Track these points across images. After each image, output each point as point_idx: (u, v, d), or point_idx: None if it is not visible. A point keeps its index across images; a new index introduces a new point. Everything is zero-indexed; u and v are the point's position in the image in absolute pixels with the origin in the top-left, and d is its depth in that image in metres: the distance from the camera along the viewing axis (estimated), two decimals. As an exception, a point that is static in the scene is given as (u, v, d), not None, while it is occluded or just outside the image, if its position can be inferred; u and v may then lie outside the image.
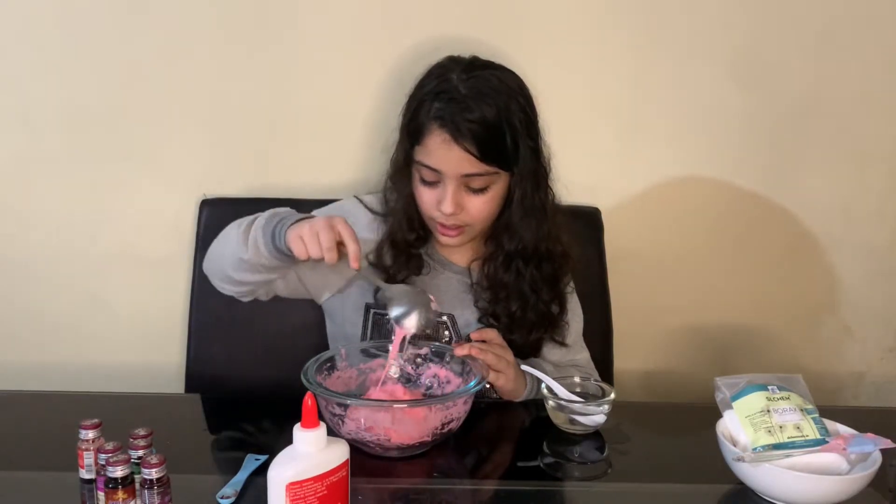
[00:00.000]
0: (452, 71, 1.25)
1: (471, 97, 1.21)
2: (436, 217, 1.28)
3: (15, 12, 1.47)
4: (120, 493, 0.88)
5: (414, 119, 1.25)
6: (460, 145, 1.20)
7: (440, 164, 1.23)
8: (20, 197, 1.55)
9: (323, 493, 0.84)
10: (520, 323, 1.33)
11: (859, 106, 1.63)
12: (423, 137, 1.23)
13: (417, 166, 1.26)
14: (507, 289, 1.33)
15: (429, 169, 1.24)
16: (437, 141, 1.21)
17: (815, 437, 1.00)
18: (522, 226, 1.30)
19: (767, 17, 1.58)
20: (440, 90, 1.23)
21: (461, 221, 1.27)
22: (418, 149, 1.25)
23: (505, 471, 1.12)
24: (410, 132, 1.26)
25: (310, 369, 1.12)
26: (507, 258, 1.33)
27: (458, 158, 1.21)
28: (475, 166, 1.22)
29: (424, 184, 1.27)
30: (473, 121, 1.20)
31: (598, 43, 1.57)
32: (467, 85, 1.23)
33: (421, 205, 1.29)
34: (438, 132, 1.21)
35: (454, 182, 1.23)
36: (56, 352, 1.60)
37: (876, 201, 1.69)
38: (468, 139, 1.20)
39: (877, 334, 1.76)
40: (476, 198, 1.25)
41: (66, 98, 1.51)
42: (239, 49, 1.52)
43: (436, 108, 1.22)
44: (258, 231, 1.17)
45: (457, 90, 1.22)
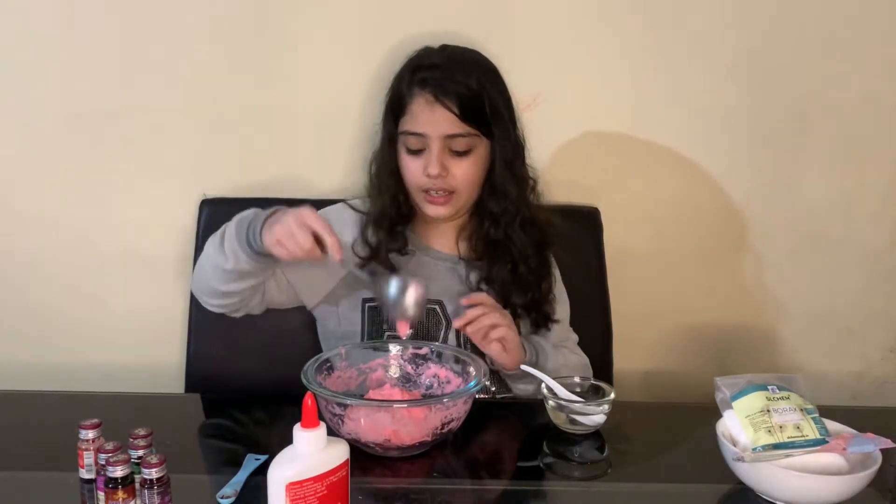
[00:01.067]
0: (428, 52, 1.35)
1: (450, 65, 1.31)
2: (423, 185, 1.31)
3: (15, 12, 1.47)
4: (120, 493, 0.88)
5: (396, 93, 1.33)
6: (442, 104, 1.27)
7: (424, 127, 1.28)
8: (20, 197, 1.55)
9: (323, 493, 0.84)
10: (517, 284, 1.36)
11: (859, 106, 1.63)
12: (407, 105, 1.30)
13: (402, 137, 1.32)
14: (498, 249, 1.37)
15: (413, 136, 1.30)
16: (421, 103, 1.28)
17: (815, 437, 1.00)
18: (507, 186, 1.35)
19: (768, 18, 1.58)
20: (418, 64, 1.32)
21: (448, 186, 1.31)
22: (402, 120, 1.31)
23: (505, 471, 1.12)
24: (393, 106, 1.33)
25: (310, 369, 1.12)
26: (494, 219, 1.37)
27: (440, 118, 1.28)
28: (457, 126, 1.28)
29: (410, 153, 1.31)
30: (455, 81, 1.28)
31: (598, 43, 1.57)
32: (444, 56, 1.33)
33: (407, 176, 1.33)
34: (421, 94, 1.28)
35: (438, 143, 1.28)
36: (56, 352, 1.60)
37: (876, 201, 1.69)
38: (451, 98, 1.27)
39: (877, 334, 1.75)
40: (460, 161, 1.30)
41: (66, 98, 1.51)
42: (239, 49, 1.52)
43: (417, 77, 1.30)
44: (232, 241, 1.21)
45: (434, 59, 1.32)
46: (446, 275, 1.39)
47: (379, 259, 1.35)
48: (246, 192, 1.55)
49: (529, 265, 1.37)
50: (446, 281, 1.38)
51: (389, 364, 1.24)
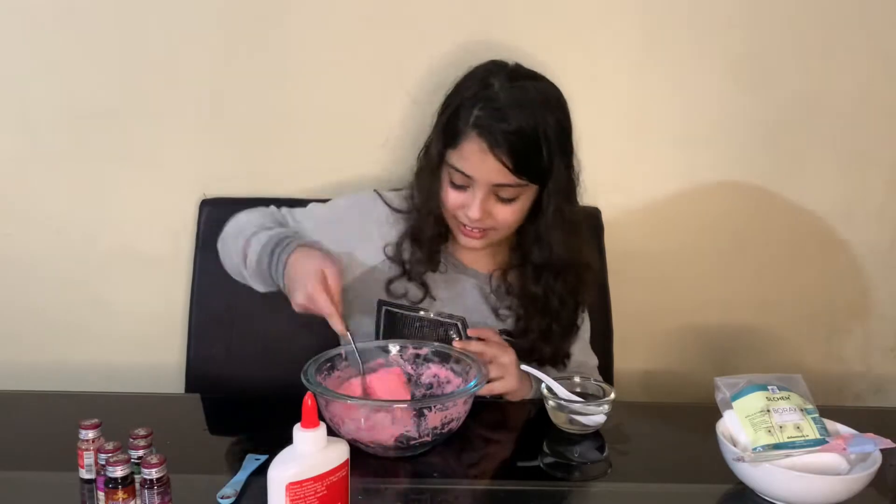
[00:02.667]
0: (495, 76, 1.25)
1: (511, 107, 1.21)
2: (460, 219, 1.28)
3: (15, 12, 1.47)
4: (120, 493, 0.88)
5: (452, 122, 1.25)
6: (495, 156, 1.20)
7: (473, 171, 1.23)
8: (20, 197, 1.55)
9: (323, 493, 0.84)
10: (551, 336, 1.34)
11: (859, 106, 1.63)
12: (460, 142, 1.23)
13: (449, 169, 1.26)
14: (537, 302, 1.33)
15: (461, 174, 1.24)
16: (474, 148, 1.21)
17: (815, 437, 1.00)
18: (553, 239, 1.29)
19: (768, 19, 1.58)
20: (481, 97, 1.23)
21: (485, 226, 1.27)
22: (452, 152, 1.24)
23: (505, 471, 1.12)
24: (447, 135, 1.26)
25: (310, 369, 1.12)
26: (535, 270, 1.33)
27: (491, 168, 1.21)
28: (507, 177, 1.22)
29: (454, 187, 1.26)
30: (511, 132, 1.20)
31: (598, 44, 1.57)
32: (509, 94, 1.22)
33: (447, 205, 1.29)
34: (475, 140, 1.21)
35: (484, 189, 1.23)
36: (56, 352, 1.60)
37: (876, 202, 1.69)
38: (504, 151, 1.20)
39: (877, 334, 1.75)
40: (504, 207, 1.26)
41: (66, 98, 1.51)
42: (239, 49, 1.52)
43: (475, 115, 1.21)
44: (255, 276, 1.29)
45: (497, 98, 1.22)
46: (473, 294, 1.37)
47: (410, 276, 1.33)
48: (246, 193, 1.55)
49: (563, 321, 1.34)
50: (473, 300, 1.36)
51: (389, 364, 1.23)
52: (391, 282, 1.33)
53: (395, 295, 1.33)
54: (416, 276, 1.33)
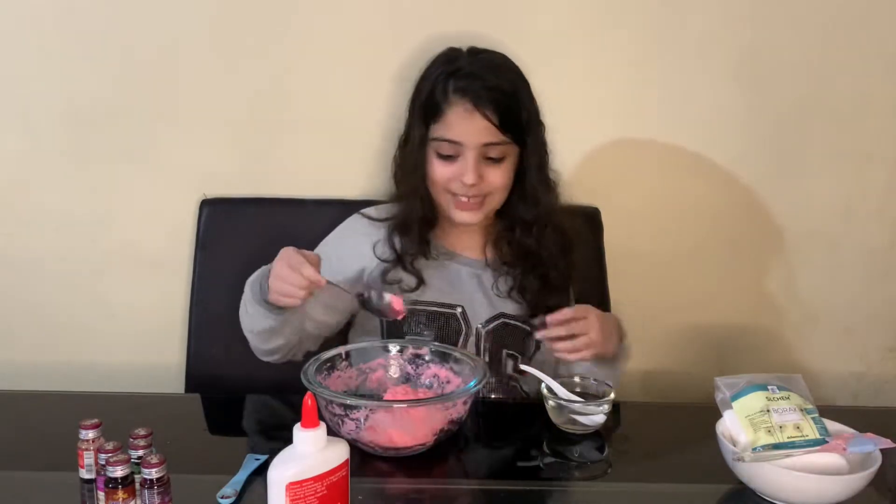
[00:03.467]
0: (458, 55, 1.33)
1: (485, 71, 1.29)
2: (453, 190, 1.30)
3: (15, 12, 1.47)
4: (120, 493, 0.88)
5: (429, 100, 1.30)
6: (481, 113, 1.26)
7: (461, 135, 1.27)
8: (21, 197, 1.55)
9: (323, 493, 0.84)
10: (548, 289, 1.37)
11: (859, 106, 1.63)
12: (443, 112, 1.28)
13: (435, 143, 1.30)
14: (532, 256, 1.36)
15: (448, 142, 1.28)
16: (459, 111, 1.27)
17: (815, 437, 1.00)
18: (540, 193, 1.35)
19: (768, 18, 1.58)
20: (453, 69, 1.29)
21: (481, 192, 1.30)
22: (436, 126, 1.29)
23: (505, 471, 1.12)
24: (427, 112, 1.31)
25: (310, 369, 1.12)
26: (525, 226, 1.36)
27: (479, 128, 1.26)
28: (494, 135, 1.27)
29: (442, 159, 1.30)
30: (493, 89, 1.27)
31: (598, 43, 1.57)
32: (479, 62, 1.30)
33: (437, 180, 1.31)
34: (460, 103, 1.27)
35: (474, 152, 1.27)
36: (56, 352, 1.60)
37: (876, 201, 1.69)
38: (489, 107, 1.26)
39: (877, 334, 1.75)
40: (494, 168, 1.30)
41: (66, 98, 1.51)
42: (239, 49, 1.52)
43: (453, 83, 1.28)
44: (252, 305, 1.24)
45: (470, 67, 1.29)
46: (469, 281, 1.38)
47: (403, 264, 1.34)
48: (246, 193, 1.56)
49: (559, 270, 1.37)
50: (469, 287, 1.38)
51: (389, 364, 1.24)
52: (385, 272, 1.35)
53: (390, 283, 1.34)
54: (408, 262, 1.34)
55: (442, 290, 1.35)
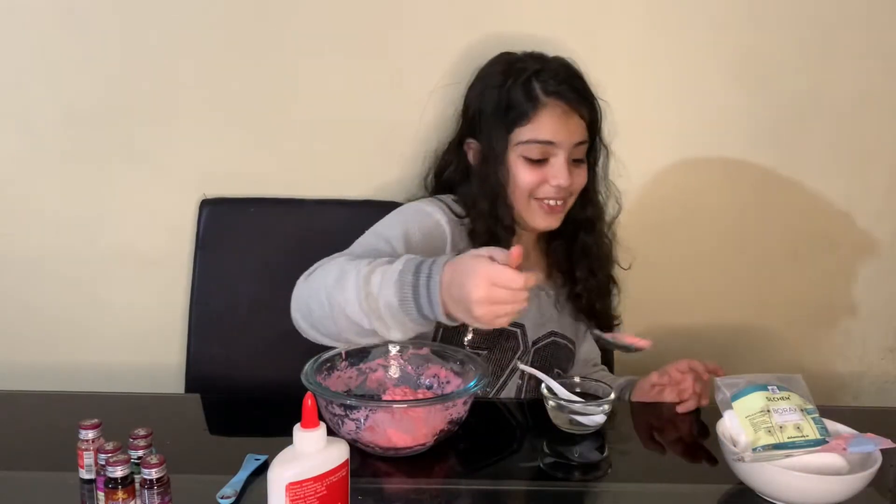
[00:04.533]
0: (520, 59, 1.31)
1: (564, 69, 1.29)
2: (542, 195, 1.28)
3: (15, 12, 1.47)
4: (120, 493, 0.88)
5: (513, 102, 1.27)
6: (577, 112, 1.27)
7: (556, 136, 1.26)
8: (20, 197, 1.55)
9: (323, 493, 0.84)
10: (600, 291, 1.39)
11: (859, 106, 1.63)
12: (533, 115, 1.26)
13: (523, 147, 1.27)
14: (591, 255, 1.38)
15: (540, 145, 1.26)
16: (555, 112, 1.26)
17: (816, 437, 1.00)
18: (599, 191, 1.38)
19: (768, 18, 1.58)
20: (533, 71, 1.28)
21: (568, 193, 1.30)
22: (524, 129, 1.27)
23: (505, 471, 1.12)
24: (511, 116, 1.27)
25: (310, 369, 1.12)
26: (589, 227, 1.37)
27: (573, 127, 1.27)
28: (584, 134, 1.29)
29: (529, 163, 1.27)
30: (583, 89, 1.29)
31: (598, 43, 1.57)
32: (556, 63, 1.30)
33: (524, 187, 1.28)
34: (556, 104, 1.26)
35: (565, 153, 1.27)
36: (56, 352, 1.60)
37: (876, 201, 1.69)
38: (583, 106, 1.28)
39: (877, 334, 1.75)
40: (578, 169, 1.31)
41: (66, 98, 1.51)
42: (239, 49, 1.52)
43: (540, 85, 1.27)
44: (396, 314, 1.02)
45: (547, 68, 1.28)
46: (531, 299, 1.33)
47: None
48: (246, 193, 1.56)
49: (607, 271, 1.39)
50: (531, 305, 1.30)
51: (389, 364, 1.23)
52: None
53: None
54: None
55: None
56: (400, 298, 1.02)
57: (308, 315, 1.12)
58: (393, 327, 1.05)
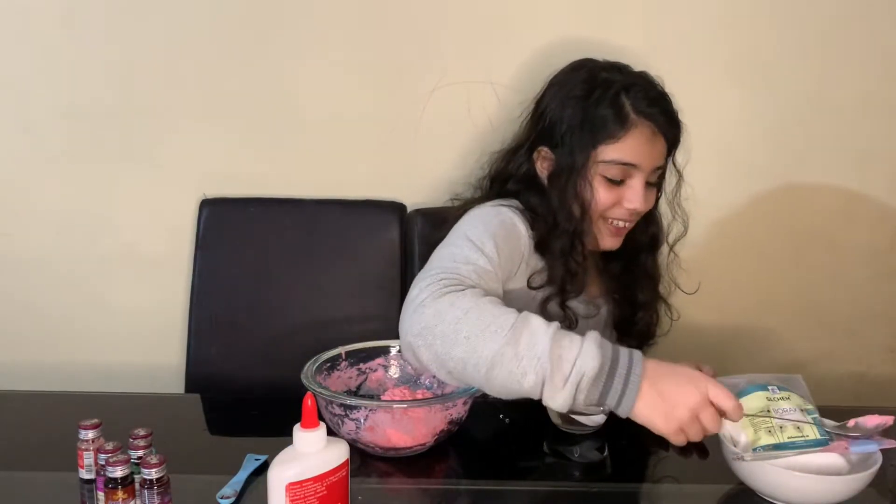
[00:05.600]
0: (605, 69, 1.24)
1: (654, 89, 1.22)
2: (614, 216, 1.24)
3: (15, 12, 1.47)
4: (120, 493, 0.88)
5: (603, 118, 1.19)
6: (664, 137, 1.21)
7: (640, 158, 1.20)
8: (20, 197, 1.55)
9: (323, 493, 0.84)
10: (652, 306, 1.37)
11: (860, 106, 1.63)
12: (623, 133, 1.19)
13: (604, 166, 1.21)
14: (647, 274, 1.36)
15: (621, 166, 1.20)
16: (645, 133, 1.20)
17: (816, 437, 1.00)
18: (660, 214, 1.35)
19: (768, 17, 1.58)
20: (624, 85, 1.21)
21: (637, 217, 1.27)
22: (609, 148, 1.20)
23: (505, 471, 1.12)
24: (598, 133, 1.20)
25: (310, 369, 1.12)
26: (652, 247, 1.35)
27: (658, 151, 1.22)
28: (663, 158, 1.24)
29: (608, 183, 1.22)
30: (671, 112, 1.22)
31: (597, 42, 1.57)
32: (644, 79, 1.23)
33: (599, 206, 1.22)
34: (644, 125, 1.20)
35: (644, 175, 1.22)
36: (56, 352, 1.60)
37: (876, 201, 1.69)
38: (669, 131, 1.22)
39: (877, 335, 1.75)
40: (651, 192, 1.27)
41: (66, 98, 1.51)
42: (239, 48, 1.52)
43: (632, 104, 1.20)
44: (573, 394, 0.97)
45: (639, 84, 1.21)
46: (595, 325, 1.31)
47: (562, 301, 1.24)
48: (246, 193, 1.56)
49: (656, 290, 1.37)
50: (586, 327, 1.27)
51: (389, 364, 1.24)
52: (546, 301, 1.24)
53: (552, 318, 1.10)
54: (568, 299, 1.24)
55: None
56: (589, 388, 0.96)
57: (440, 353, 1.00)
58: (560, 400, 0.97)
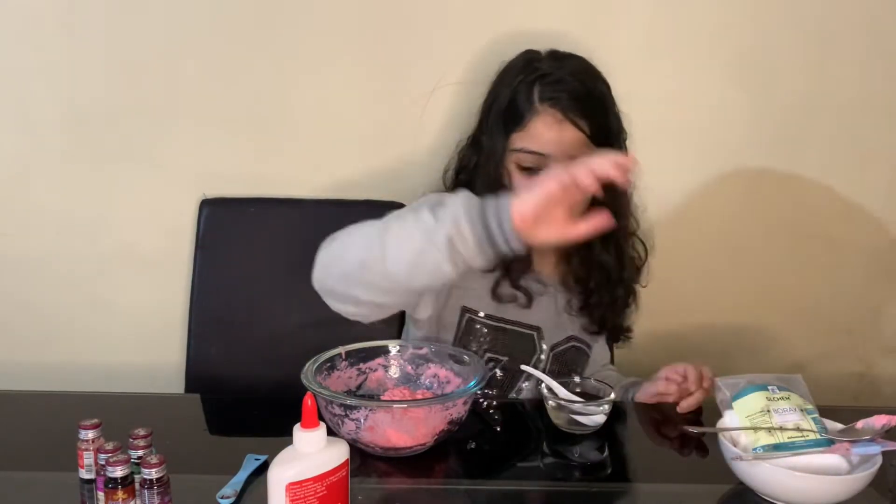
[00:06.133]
0: (538, 60, 1.25)
1: (571, 76, 1.21)
2: None
3: (15, 12, 1.47)
4: (120, 493, 0.88)
5: (512, 105, 1.21)
6: (573, 124, 1.18)
7: (548, 147, 1.19)
8: (20, 197, 1.55)
9: (323, 493, 0.84)
10: (615, 306, 1.34)
11: (859, 106, 1.63)
12: (528, 121, 1.20)
13: (517, 154, 1.22)
14: (606, 272, 1.32)
15: (532, 154, 1.20)
16: (547, 121, 1.19)
17: (816, 437, 1.00)
18: (622, 205, 1.28)
19: (768, 18, 1.58)
20: (538, 75, 1.21)
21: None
22: (518, 135, 1.21)
23: (505, 471, 1.12)
24: (508, 120, 1.22)
25: (310, 369, 1.12)
26: (605, 243, 1.31)
27: (569, 139, 1.19)
28: (584, 148, 1.19)
29: (524, 171, 1.22)
30: (585, 97, 1.19)
31: (597, 43, 1.56)
32: (563, 67, 1.22)
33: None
34: (548, 112, 1.19)
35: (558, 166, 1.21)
36: (56, 352, 1.60)
37: (876, 201, 1.69)
38: (580, 116, 1.18)
39: (877, 335, 1.75)
40: None
41: (66, 98, 1.51)
42: (239, 49, 1.52)
43: (539, 90, 1.19)
44: (466, 246, 0.97)
45: (554, 72, 1.21)
46: (547, 302, 1.33)
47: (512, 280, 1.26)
48: (246, 193, 1.55)
49: (627, 285, 1.34)
50: (546, 308, 1.33)
51: (389, 364, 1.24)
52: (497, 286, 1.27)
53: (503, 301, 1.26)
54: (517, 278, 1.26)
55: (520, 311, 1.30)
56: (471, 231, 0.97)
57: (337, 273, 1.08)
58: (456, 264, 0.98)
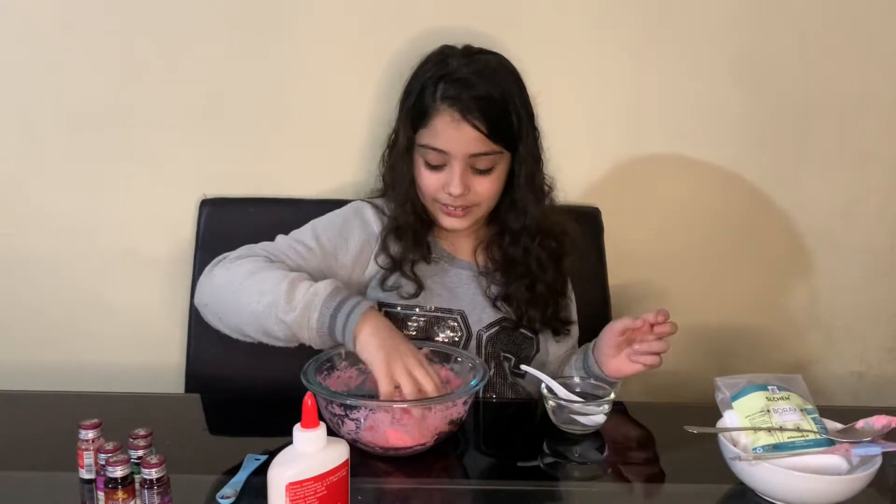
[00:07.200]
0: (450, 57, 1.27)
1: (475, 76, 1.23)
2: (441, 199, 1.28)
3: (15, 12, 1.47)
4: (120, 493, 0.88)
5: (418, 103, 1.26)
6: (470, 123, 1.21)
7: (448, 145, 1.23)
8: (20, 197, 1.55)
9: (323, 493, 0.84)
10: (535, 300, 1.34)
11: (859, 106, 1.63)
12: (430, 120, 1.24)
13: (422, 150, 1.27)
14: (518, 266, 1.34)
15: (435, 151, 1.25)
16: (446, 120, 1.22)
17: (816, 437, 1.00)
18: (528, 203, 1.31)
19: (767, 17, 1.58)
20: (443, 73, 1.25)
21: (468, 202, 1.28)
22: (423, 132, 1.26)
23: (505, 471, 1.12)
24: (414, 116, 1.27)
25: (310, 369, 1.12)
26: (513, 236, 1.34)
27: (467, 138, 1.22)
28: (483, 146, 1.23)
29: (429, 168, 1.27)
30: (482, 97, 1.22)
31: (597, 43, 1.57)
32: (469, 67, 1.25)
33: (424, 189, 1.29)
34: (447, 112, 1.22)
35: (461, 163, 1.24)
36: (56, 352, 1.60)
37: (876, 201, 1.69)
38: (477, 117, 1.21)
39: (877, 334, 1.75)
40: (482, 178, 1.27)
41: (66, 98, 1.51)
42: (239, 49, 1.52)
43: (441, 89, 1.23)
44: (304, 328, 1.13)
45: (460, 72, 1.24)
46: (469, 285, 1.36)
47: (402, 270, 1.30)
48: (246, 193, 1.56)
49: (546, 281, 1.35)
50: (469, 291, 1.35)
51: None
52: (385, 279, 1.32)
53: (389, 290, 1.31)
54: (407, 268, 1.31)
55: (441, 296, 1.33)
56: (318, 323, 1.13)
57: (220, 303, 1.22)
58: (299, 332, 1.14)
